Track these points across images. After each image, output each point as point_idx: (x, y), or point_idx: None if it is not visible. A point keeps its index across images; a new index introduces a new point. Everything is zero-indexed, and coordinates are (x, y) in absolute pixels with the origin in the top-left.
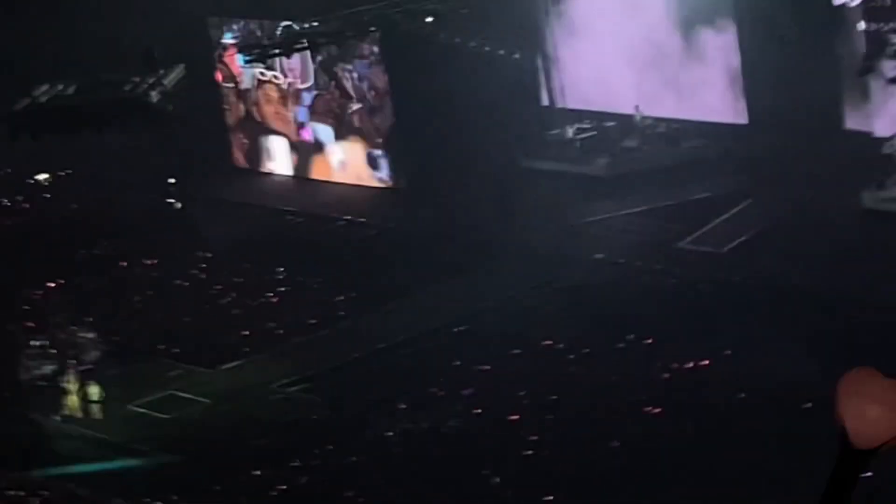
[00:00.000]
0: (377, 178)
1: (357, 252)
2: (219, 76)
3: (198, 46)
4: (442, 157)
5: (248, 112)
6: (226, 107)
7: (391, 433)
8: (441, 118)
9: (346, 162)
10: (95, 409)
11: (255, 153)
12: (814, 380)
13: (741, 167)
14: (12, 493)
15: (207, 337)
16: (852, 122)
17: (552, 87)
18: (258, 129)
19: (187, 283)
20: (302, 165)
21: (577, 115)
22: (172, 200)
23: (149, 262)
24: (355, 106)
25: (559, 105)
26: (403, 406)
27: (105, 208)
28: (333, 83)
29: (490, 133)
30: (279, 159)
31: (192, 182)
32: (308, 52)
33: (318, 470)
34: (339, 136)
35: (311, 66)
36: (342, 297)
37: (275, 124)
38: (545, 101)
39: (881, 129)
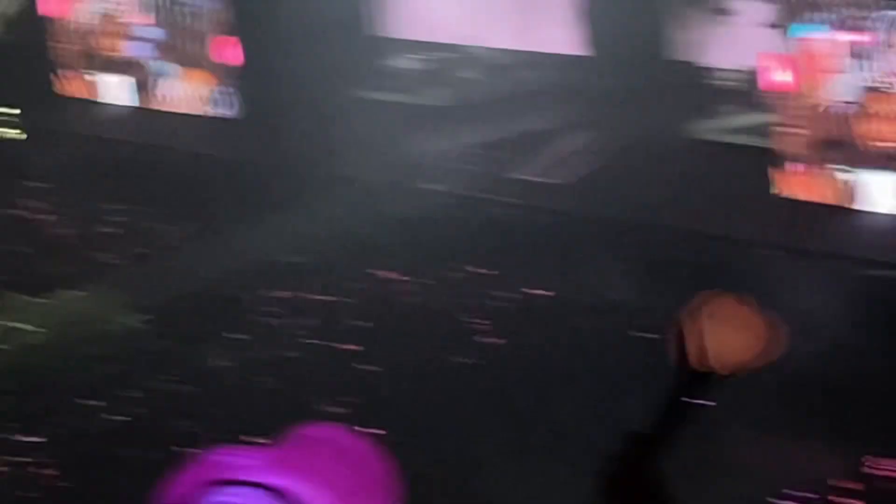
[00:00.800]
0: (218, 111)
1: (194, 183)
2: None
3: None
4: (281, 88)
5: (85, 44)
6: (60, 41)
7: (228, 363)
8: (280, 50)
9: (187, 95)
10: None
11: (93, 84)
12: (649, 310)
13: (580, 99)
14: None
15: (41, 267)
16: (684, 52)
17: (389, 16)
18: (96, 60)
19: (22, 213)
20: (144, 96)
21: (415, 45)
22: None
23: None
24: (200, 41)
25: (396, 34)
26: (240, 336)
27: None
28: (174, 16)
29: (327, 63)
30: (118, 90)
31: (23, 111)
32: None
33: (155, 401)
34: (181, 68)
35: (141, 2)
36: (178, 228)
37: (112, 57)
38: (382, 30)
39: (711, 59)
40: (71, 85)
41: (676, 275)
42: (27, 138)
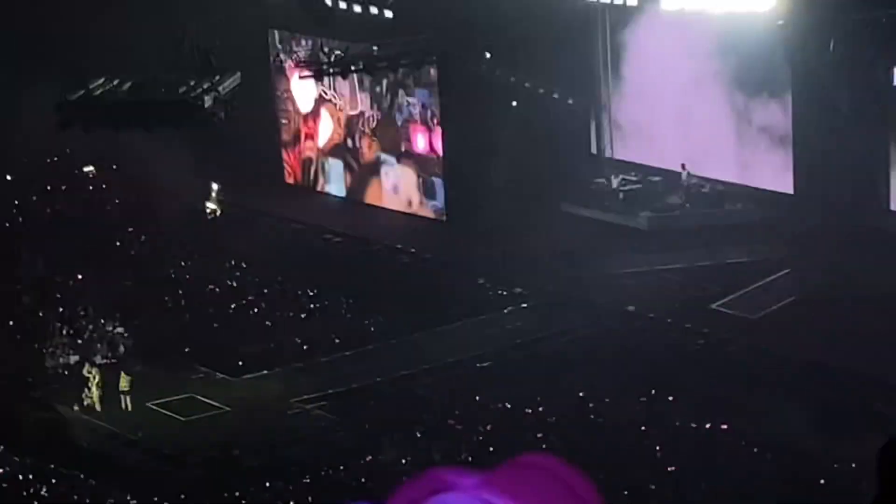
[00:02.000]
0: (429, 206)
1: (392, 278)
2: (277, 90)
3: (257, 57)
4: (489, 192)
5: (304, 130)
6: (283, 121)
7: (404, 460)
8: (492, 154)
9: (400, 188)
10: (115, 403)
11: (309, 172)
12: (829, 454)
13: (782, 236)
14: (22, 477)
15: (233, 345)
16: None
17: (601, 136)
18: (314, 148)
19: (219, 290)
20: (355, 188)
21: (624, 167)
22: (212, 206)
23: (183, 264)
24: (413, 134)
25: (607, 154)
26: (419, 434)
27: (146, 206)
28: (392, 110)
29: (537, 174)
30: (332, 180)
31: (237, 191)
32: (361, 77)
33: (327, 488)
34: (395, 162)
35: (360, 93)
36: (371, 321)
37: (330, 145)
38: (593, 149)
39: None
40: (289, 168)
41: (855, 421)
42: (234, 216)
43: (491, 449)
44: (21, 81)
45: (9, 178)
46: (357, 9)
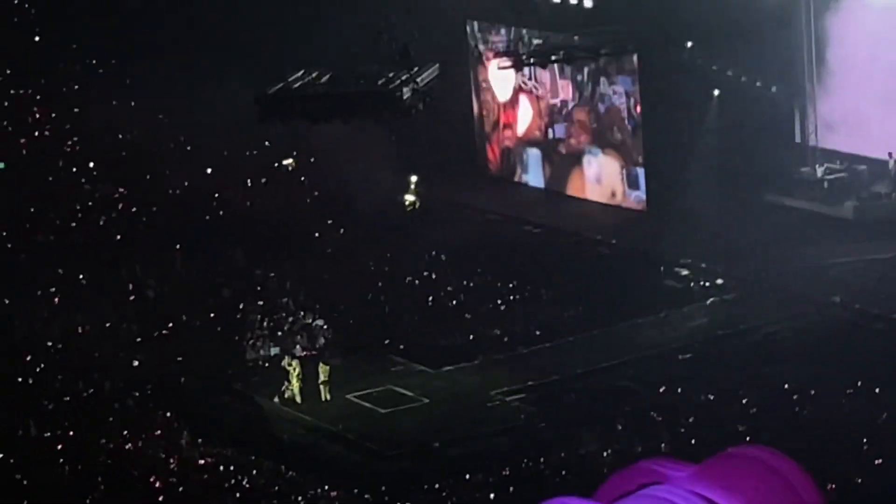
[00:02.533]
0: (632, 197)
1: (592, 269)
2: (475, 80)
3: (455, 48)
4: (691, 182)
5: (502, 120)
6: (481, 112)
7: (605, 453)
8: (693, 143)
9: (603, 179)
10: (314, 395)
11: (508, 162)
12: None
13: None
14: (223, 469)
15: (432, 337)
16: None
17: (806, 125)
18: (513, 138)
19: (417, 282)
20: (555, 178)
21: (828, 155)
22: (411, 198)
23: (382, 256)
24: (616, 122)
25: (811, 143)
26: (620, 426)
27: (344, 199)
28: (594, 98)
29: (739, 163)
30: (531, 170)
31: (435, 183)
32: (561, 67)
33: (528, 481)
34: (598, 152)
35: (561, 81)
36: (571, 313)
37: (529, 135)
38: (797, 138)
39: None
40: (488, 158)
41: None
42: (432, 207)
43: (693, 441)
44: (221, 75)
45: (209, 171)
46: None
